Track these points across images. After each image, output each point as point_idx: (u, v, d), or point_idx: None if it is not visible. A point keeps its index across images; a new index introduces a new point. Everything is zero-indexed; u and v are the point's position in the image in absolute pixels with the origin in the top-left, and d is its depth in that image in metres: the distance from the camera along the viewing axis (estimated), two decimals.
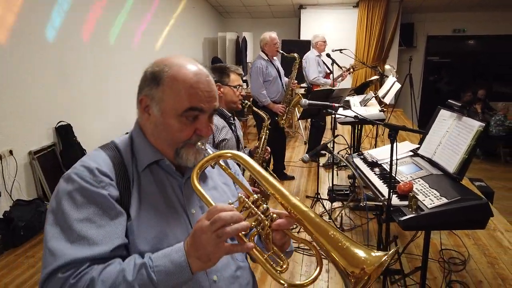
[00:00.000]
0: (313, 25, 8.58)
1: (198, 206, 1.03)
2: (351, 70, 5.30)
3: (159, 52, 6.41)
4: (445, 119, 2.43)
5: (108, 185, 0.91)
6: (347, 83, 7.73)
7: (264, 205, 0.88)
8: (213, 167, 1.02)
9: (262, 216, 0.87)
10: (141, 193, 0.96)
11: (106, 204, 0.89)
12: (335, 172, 4.72)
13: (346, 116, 2.19)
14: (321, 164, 4.52)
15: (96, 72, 4.69)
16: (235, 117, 2.35)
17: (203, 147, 1.00)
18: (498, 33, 8.82)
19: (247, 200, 0.88)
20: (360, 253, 0.80)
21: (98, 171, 0.91)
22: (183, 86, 0.95)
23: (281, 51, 4.37)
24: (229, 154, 0.98)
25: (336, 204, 4.00)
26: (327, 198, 4.03)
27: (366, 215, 3.73)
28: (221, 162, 1.01)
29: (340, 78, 5.32)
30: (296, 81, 4.38)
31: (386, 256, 0.78)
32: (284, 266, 0.88)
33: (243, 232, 0.83)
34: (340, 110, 2.58)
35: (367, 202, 2.10)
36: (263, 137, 2.45)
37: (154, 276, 0.80)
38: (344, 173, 5.04)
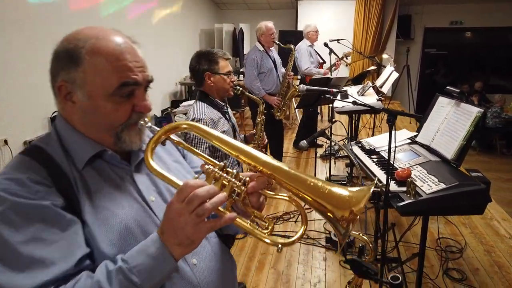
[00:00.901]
0: (311, 17, 8.52)
1: (156, 192, 0.92)
2: (345, 58, 5.20)
3: (157, 44, 6.36)
4: (443, 106, 2.41)
5: (48, 194, 0.77)
6: (343, 74, 7.70)
7: (234, 171, 0.81)
8: (163, 144, 0.87)
9: (236, 182, 0.80)
10: (90, 194, 0.83)
11: (52, 215, 0.76)
12: (332, 162, 4.71)
13: (345, 102, 2.17)
14: (318, 155, 4.51)
15: None
16: (227, 105, 2.31)
17: (146, 125, 0.89)
18: (495, 25, 8.80)
19: (215, 169, 0.80)
20: (343, 192, 0.78)
21: (30, 181, 0.77)
22: (107, 60, 0.82)
23: (278, 42, 4.27)
24: (185, 126, 0.85)
25: None
26: None
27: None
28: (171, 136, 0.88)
29: (333, 68, 5.26)
30: (292, 73, 4.29)
31: (369, 189, 0.78)
32: (270, 228, 0.82)
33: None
34: (339, 98, 2.57)
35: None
36: (259, 122, 2.42)
37: (135, 277, 0.73)
38: (341, 163, 5.03)
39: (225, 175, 0.80)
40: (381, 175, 2.26)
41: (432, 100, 2.53)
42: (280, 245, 0.79)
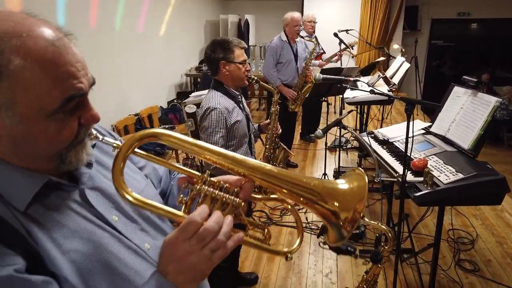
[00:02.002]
0: (316, 7, 8.44)
1: (115, 209, 0.78)
2: (350, 48, 5.09)
3: (163, 36, 6.32)
4: (459, 96, 2.39)
5: (2, 257, 0.59)
6: (351, 65, 7.65)
7: (221, 182, 0.73)
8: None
9: (234, 198, 0.71)
10: (48, 239, 0.66)
11: (19, 285, 0.59)
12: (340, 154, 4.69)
13: (363, 91, 2.15)
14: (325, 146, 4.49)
15: (104, 59, 4.62)
16: (241, 95, 2.29)
17: (99, 139, 0.73)
18: (503, 17, 8.70)
19: (210, 189, 0.71)
20: (342, 187, 0.74)
21: None
22: (43, 68, 0.61)
23: (302, 35, 4.24)
24: (151, 135, 0.69)
25: None
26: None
27: (373, 195, 3.72)
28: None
29: (335, 58, 5.19)
30: (311, 68, 4.27)
31: (365, 180, 0.73)
32: (267, 235, 0.77)
33: None
34: (357, 87, 2.54)
35: (381, 179, 2.08)
36: (274, 112, 2.40)
37: None
38: (350, 155, 5.02)
39: (222, 193, 0.71)
40: (396, 165, 2.24)
41: (447, 91, 2.50)
42: (290, 255, 0.75)
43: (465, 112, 2.26)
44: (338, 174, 3.88)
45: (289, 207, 0.80)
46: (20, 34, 0.60)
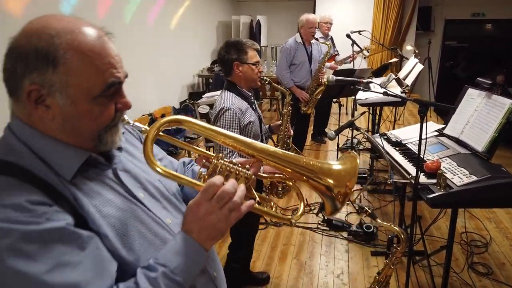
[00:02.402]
0: (328, 8, 8.42)
1: (141, 188, 0.90)
2: (365, 51, 5.07)
3: (176, 37, 6.39)
4: (473, 98, 2.38)
5: (55, 214, 0.69)
6: (363, 66, 7.62)
7: (234, 159, 0.88)
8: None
9: (246, 171, 0.86)
10: (90, 204, 0.77)
11: (68, 236, 0.69)
12: None
13: (376, 92, 2.15)
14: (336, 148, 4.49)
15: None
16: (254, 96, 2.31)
17: (130, 123, 0.85)
18: None
19: (225, 163, 0.84)
20: (335, 167, 0.88)
21: (31, 203, 0.68)
22: (91, 59, 0.74)
23: (317, 37, 4.25)
24: (175, 120, 0.83)
25: (354, 186, 3.98)
26: None
27: (385, 197, 3.72)
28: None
29: (349, 60, 5.18)
30: (324, 71, 4.27)
31: (357, 162, 0.88)
32: (273, 204, 0.95)
33: None
34: (370, 89, 2.54)
35: (393, 181, 2.08)
36: (286, 113, 2.42)
37: (178, 277, 0.75)
38: (362, 156, 5.00)
39: (236, 166, 0.85)
40: (409, 167, 2.24)
41: (461, 93, 2.49)
42: (293, 220, 0.92)
43: (479, 114, 2.25)
44: None
45: (291, 183, 0.95)
46: (73, 31, 0.74)
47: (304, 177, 0.87)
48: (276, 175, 0.97)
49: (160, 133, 0.82)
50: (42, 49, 0.71)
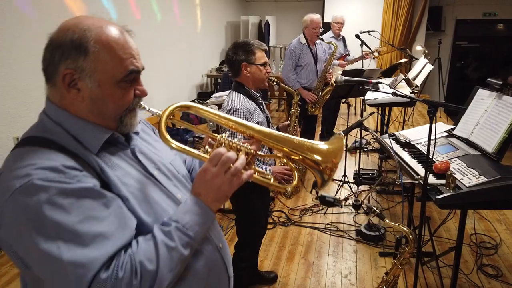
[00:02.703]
0: (337, 8, 8.40)
1: (155, 168, 1.02)
2: (375, 52, 5.03)
3: (185, 37, 6.43)
4: (483, 98, 2.36)
5: (85, 177, 0.82)
6: (372, 67, 7.58)
7: (235, 139, 0.99)
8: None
9: (247, 146, 0.98)
10: (113, 174, 0.89)
11: (96, 195, 0.82)
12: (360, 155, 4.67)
13: (385, 93, 2.15)
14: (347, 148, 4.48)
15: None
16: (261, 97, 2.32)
17: (146, 108, 0.98)
18: None
19: (228, 139, 0.96)
20: (323, 147, 1.00)
21: (65, 167, 0.80)
22: (115, 49, 0.88)
23: (321, 37, 4.19)
24: (187, 105, 0.98)
25: (362, 187, 3.98)
26: (353, 182, 4.01)
27: (394, 197, 3.70)
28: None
29: (359, 60, 5.15)
30: (331, 71, 4.22)
31: (341, 140, 1.01)
32: (271, 177, 1.06)
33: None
34: (379, 89, 2.54)
35: (402, 181, 2.08)
36: (294, 114, 2.42)
37: (190, 232, 0.88)
38: (370, 157, 4.99)
39: (238, 141, 0.97)
40: (418, 167, 2.23)
41: (471, 93, 2.48)
42: (288, 189, 1.10)
43: (490, 115, 2.24)
44: (358, 176, 3.87)
45: (284, 160, 1.07)
46: (101, 26, 0.88)
47: (297, 155, 1.00)
48: (272, 153, 1.11)
49: (171, 117, 0.97)
50: (76, 41, 0.85)
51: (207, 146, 0.99)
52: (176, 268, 0.85)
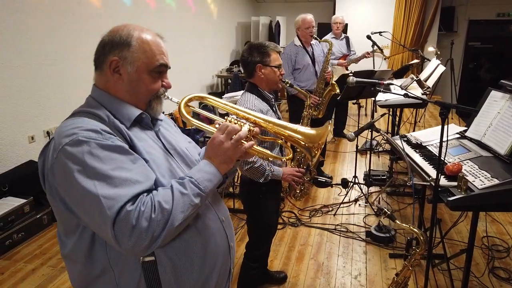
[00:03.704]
0: (349, 8, 8.38)
1: (172, 149, 1.21)
2: (378, 51, 4.91)
3: (196, 37, 6.47)
4: (496, 100, 2.34)
5: (117, 140, 1.03)
6: (383, 68, 7.54)
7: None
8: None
9: (250, 123, 1.17)
10: (139, 143, 1.10)
11: (125, 152, 1.02)
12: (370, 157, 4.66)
13: (396, 94, 2.14)
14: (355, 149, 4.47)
15: None
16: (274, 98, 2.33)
17: (169, 97, 1.19)
18: None
19: (234, 118, 1.17)
20: (311, 131, 1.23)
21: (103, 131, 1.02)
22: (152, 46, 1.12)
23: (316, 37, 4.01)
24: (202, 96, 1.22)
25: (373, 188, 3.97)
26: (363, 183, 4.00)
27: (405, 199, 3.68)
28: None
29: (361, 59, 5.08)
30: (330, 71, 4.07)
31: (327, 128, 1.25)
32: (269, 152, 1.27)
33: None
34: (391, 90, 2.54)
35: (411, 183, 2.07)
36: (306, 116, 2.43)
37: (200, 185, 1.05)
38: (381, 158, 4.97)
39: (242, 120, 1.17)
40: (429, 169, 2.22)
41: (484, 95, 2.46)
42: (284, 159, 1.45)
43: (503, 117, 2.22)
44: (368, 177, 3.86)
45: (280, 141, 1.31)
46: (142, 29, 1.14)
47: (293, 137, 1.22)
48: (268, 137, 1.38)
49: (188, 104, 1.20)
50: (123, 37, 1.10)
51: (216, 125, 1.17)
52: (188, 210, 1.01)
